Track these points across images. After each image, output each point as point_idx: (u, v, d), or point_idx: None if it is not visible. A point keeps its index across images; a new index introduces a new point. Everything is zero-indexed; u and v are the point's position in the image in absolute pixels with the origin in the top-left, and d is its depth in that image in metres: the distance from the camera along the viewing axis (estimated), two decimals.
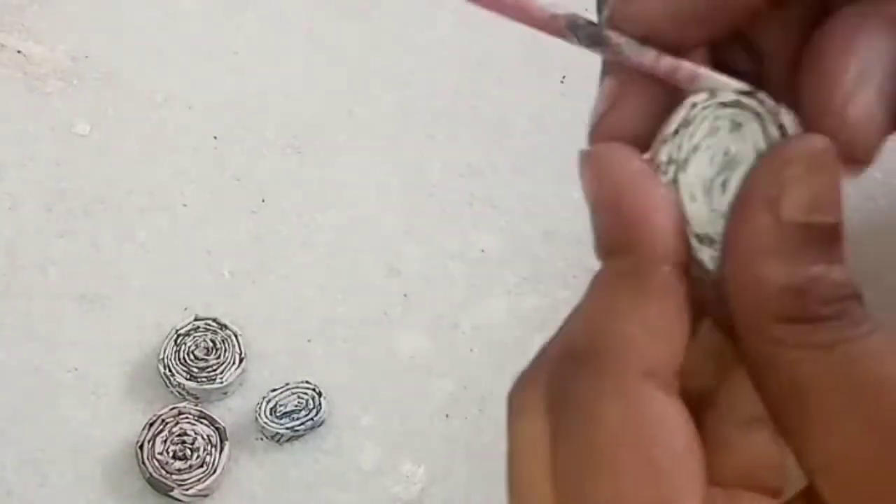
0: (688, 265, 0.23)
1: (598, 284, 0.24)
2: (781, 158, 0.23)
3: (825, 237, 0.23)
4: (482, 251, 0.54)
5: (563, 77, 0.58)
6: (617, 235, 0.24)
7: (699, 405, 0.25)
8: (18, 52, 0.59)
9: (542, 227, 0.55)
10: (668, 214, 0.23)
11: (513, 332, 0.52)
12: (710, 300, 0.24)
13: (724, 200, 0.23)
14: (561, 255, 0.54)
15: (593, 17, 0.26)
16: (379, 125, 0.58)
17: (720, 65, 0.24)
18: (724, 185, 0.23)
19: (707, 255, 0.23)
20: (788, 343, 0.23)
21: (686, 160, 0.23)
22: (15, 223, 0.54)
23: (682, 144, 0.23)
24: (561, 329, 0.25)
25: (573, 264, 0.54)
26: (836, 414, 0.22)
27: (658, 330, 0.23)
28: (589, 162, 0.26)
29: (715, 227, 0.23)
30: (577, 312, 0.24)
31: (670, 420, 0.23)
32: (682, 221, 0.23)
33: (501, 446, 0.48)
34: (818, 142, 0.22)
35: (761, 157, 0.23)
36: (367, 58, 0.60)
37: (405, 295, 0.53)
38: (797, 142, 0.23)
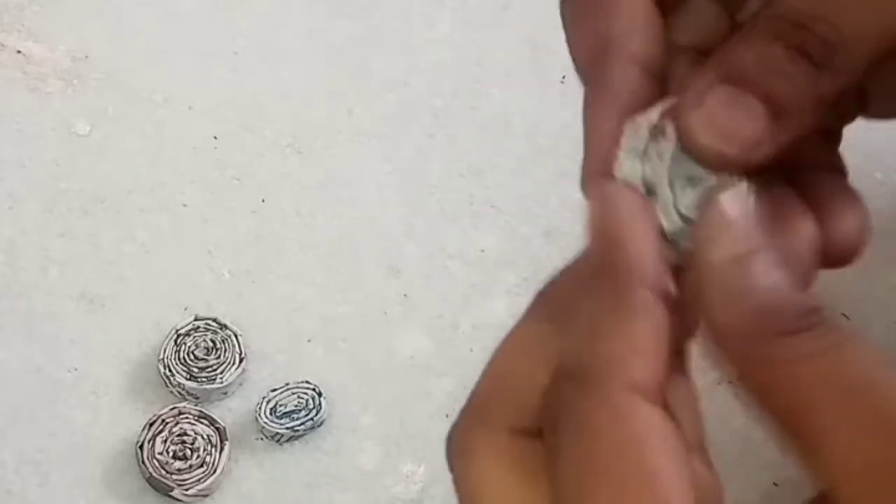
0: (668, 283, 0.26)
1: (584, 310, 0.26)
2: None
3: (775, 260, 0.25)
4: (482, 251, 0.54)
5: (563, 77, 0.58)
6: (603, 261, 0.26)
7: None
8: (18, 51, 0.59)
9: (542, 227, 0.55)
10: (647, 244, 0.25)
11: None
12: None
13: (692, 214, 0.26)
14: (561, 255, 0.54)
15: None
16: (379, 125, 0.58)
17: None
18: (691, 204, 0.26)
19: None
20: (781, 360, 0.24)
21: (658, 183, 0.25)
22: (15, 223, 0.54)
23: (655, 166, 0.25)
24: (490, 364, 0.27)
25: None
26: (844, 422, 0.24)
27: (640, 347, 0.25)
28: (589, 193, 0.28)
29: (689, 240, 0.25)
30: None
31: (658, 428, 0.24)
32: (660, 247, 0.25)
33: None
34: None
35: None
36: (367, 58, 0.60)
37: (405, 295, 0.53)
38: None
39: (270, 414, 0.48)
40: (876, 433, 0.23)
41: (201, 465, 0.47)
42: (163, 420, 0.48)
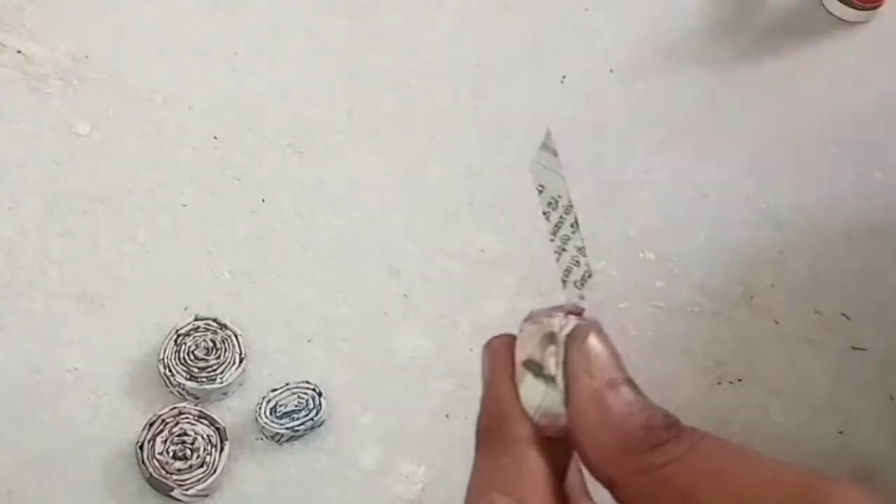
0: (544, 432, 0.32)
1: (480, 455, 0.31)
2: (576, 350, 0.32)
3: (633, 387, 0.30)
4: (482, 251, 0.54)
5: (563, 77, 0.58)
6: (491, 417, 0.32)
7: None
8: (19, 52, 0.59)
9: (542, 227, 0.55)
10: (521, 415, 0.32)
11: (512, 332, 0.52)
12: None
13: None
14: None
15: None
16: (379, 125, 0.58)
17: None
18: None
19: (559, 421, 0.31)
20: (659, 465, 0.29)
21: (551, 378, 0.32)
22: (15, 223, 0.54)
23: (549, 367, 0.32)
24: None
25: None
26: (719, 497, 0.29)
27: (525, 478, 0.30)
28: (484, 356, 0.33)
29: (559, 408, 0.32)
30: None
31: None
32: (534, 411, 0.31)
33: None
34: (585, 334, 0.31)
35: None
36: (367, 58, 0.60)
37: (405, 295, 0.53)
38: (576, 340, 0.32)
39: (270, 414, 0.48)
40: (751, 497, 0.28)
41: (201, 465, 0.47)
42: (163, 420, 0.48)
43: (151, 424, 0.48)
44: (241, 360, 0.50)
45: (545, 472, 0.31)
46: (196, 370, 0.49)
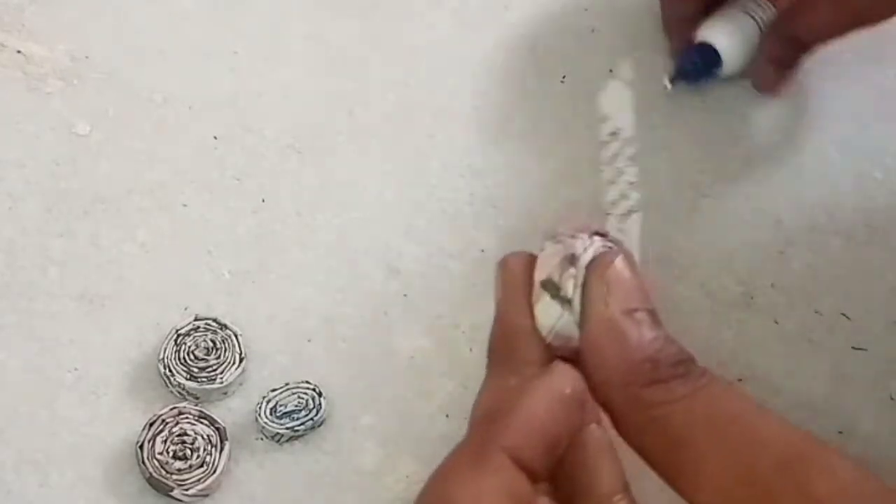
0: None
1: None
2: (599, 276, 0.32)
3: (651, 319, 0.31)
4: (482, 251, 0.54)
5: (564, 77, 0.58)
6: (503, 337, 0.33)
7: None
8: (18, 52, 0.59)
9: (543, 226, 0.55)
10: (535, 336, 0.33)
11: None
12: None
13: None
14: None
15: None
16: (379, 125, 0.58)
17: None
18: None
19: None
20: (657, 402, 0.29)
21: (568, 301, 0.33)
22: (15, 223, 0.54)
23: (567, 289, 0.32)
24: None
25: None
26: (716, 449, 0.29)
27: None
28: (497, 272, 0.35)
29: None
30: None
31: None
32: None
33: None
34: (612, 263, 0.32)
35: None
36: (367, 58, 0.60)
37: (405, 295, 0.53)
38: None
39: (270, 414, 0.48)
40: (743, 454, 0.28)
41: (201, 465, 0.47)
42: (163, 420, 0.48)
43: (151, 424, 0.48)
44: (241, 360, 0.50)
45: None
46: (196, 370, 0.49)
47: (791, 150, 0.57)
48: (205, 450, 0.47)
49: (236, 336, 0.50)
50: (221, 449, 0.47)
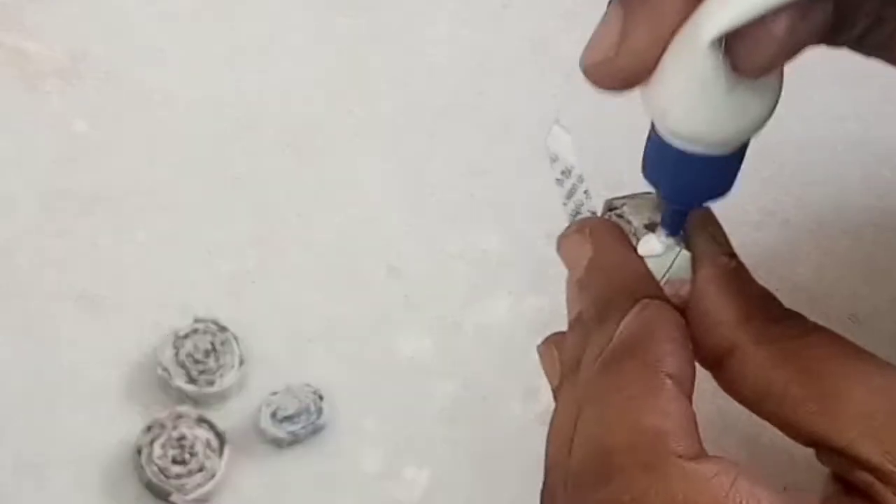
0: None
1: (608, 386, 0.29)
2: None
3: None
4: (483, 251, 0.54)
5: (563, 77, 0.58)
6: (613, 290, 0.31)
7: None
8: (17, 50, 0.59)
9: (544, 227, 0.54)
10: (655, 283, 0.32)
11: (515, 333, 0.52)
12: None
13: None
14: None
15: None
16: (379, 125, 0.58)
17: None
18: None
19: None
20: (789, 335, 0.29)
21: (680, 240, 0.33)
22: (13, 223, 0.54)
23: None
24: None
25: None
26: (855, 382, 0.28)
27: (681, 423, 0.28)
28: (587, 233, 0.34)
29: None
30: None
31: (725, 485, 0.27)
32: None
33: (504, 448, 0.48)
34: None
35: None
36: (367, 57, 0.60)
37: (406, 296, 0.53)
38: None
39: (271, 418, 0.48)
40: (888, 386, 0.28)
41: (200, 470, 0.46)
42: (161, 424, 0.47)
43: (150, 428, 0.47)
44: (240, 363, 0.49)
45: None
46: (195, 373, 0.49)
47: (797, 150, 0.57)
48: (204, 454, 0.47)
49: (236, 339, 0.50)
50: (221, 453, 0.47)
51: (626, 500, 0.27)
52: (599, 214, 0.36)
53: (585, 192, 0.36)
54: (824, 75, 0.58)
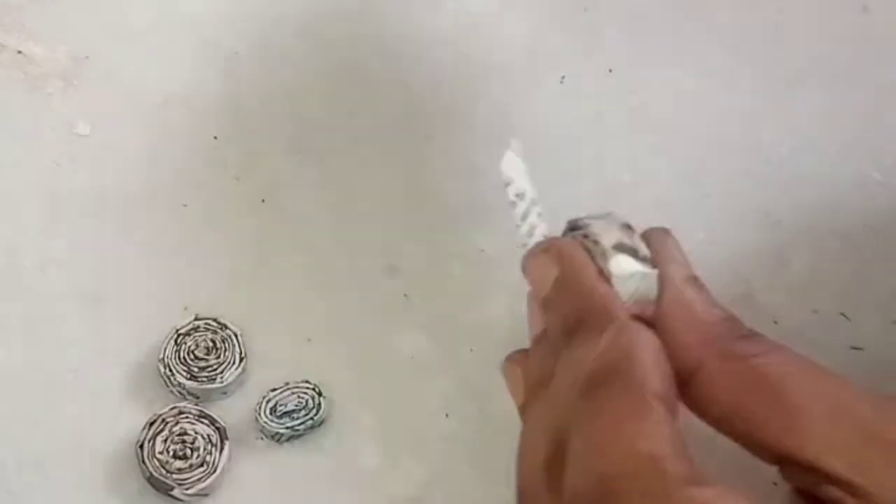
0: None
1: (596, 412, 0.29)
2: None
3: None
4: (482, 251, 0.54)
5: (563, 77, 0.58)
6: (584, 310, 0.31)
7: None
8: (19, 52, 0.59)
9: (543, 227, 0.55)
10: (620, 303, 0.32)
11: (513, 332, 0.52)
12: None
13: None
14: None
15: None
16: (379, 125, 0.58)
17: None
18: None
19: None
20: (752, 353, 0.29)
21: (647, 260, 0.33)
22: (15, 223, 0.54)
23: (642, 249, 0.33)
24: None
25: None
26: (814, 400, 0.28)
27: (674, 445, 0.28)
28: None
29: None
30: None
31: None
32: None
33: (501, 445, 0.48)
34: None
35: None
36: (366, 58, 0.60)
37: (405, 295, 0.53)
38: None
39: (270, 413, 0.48)
40: (843, 403, 0.28)
41: (201, 465, 0.47)
42: (163, 419, 0.48)
43: (151, 424, 0.48)
44: (241, 360, 0.50)
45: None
46: (196, 370, 0.49)
47: (790, 151, 0.57)
48: (205, 449, 0.47)
49: (236, 336, 0.50)
50: (222, 448, 0.47)
51: None
52: (561, 234, 0.36)
53: (539, 214, 0.36)
54: (817, 77, 0.59)
